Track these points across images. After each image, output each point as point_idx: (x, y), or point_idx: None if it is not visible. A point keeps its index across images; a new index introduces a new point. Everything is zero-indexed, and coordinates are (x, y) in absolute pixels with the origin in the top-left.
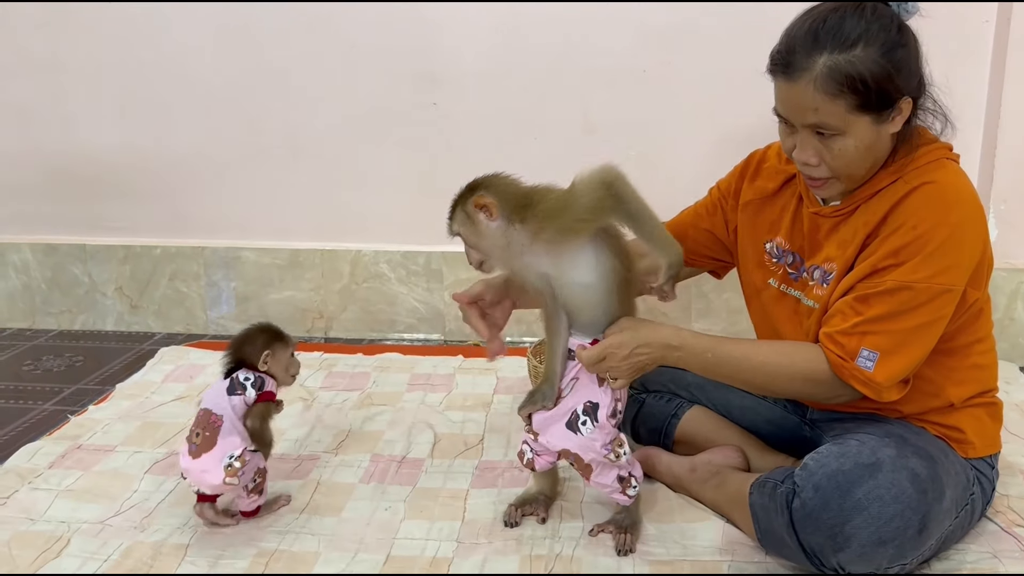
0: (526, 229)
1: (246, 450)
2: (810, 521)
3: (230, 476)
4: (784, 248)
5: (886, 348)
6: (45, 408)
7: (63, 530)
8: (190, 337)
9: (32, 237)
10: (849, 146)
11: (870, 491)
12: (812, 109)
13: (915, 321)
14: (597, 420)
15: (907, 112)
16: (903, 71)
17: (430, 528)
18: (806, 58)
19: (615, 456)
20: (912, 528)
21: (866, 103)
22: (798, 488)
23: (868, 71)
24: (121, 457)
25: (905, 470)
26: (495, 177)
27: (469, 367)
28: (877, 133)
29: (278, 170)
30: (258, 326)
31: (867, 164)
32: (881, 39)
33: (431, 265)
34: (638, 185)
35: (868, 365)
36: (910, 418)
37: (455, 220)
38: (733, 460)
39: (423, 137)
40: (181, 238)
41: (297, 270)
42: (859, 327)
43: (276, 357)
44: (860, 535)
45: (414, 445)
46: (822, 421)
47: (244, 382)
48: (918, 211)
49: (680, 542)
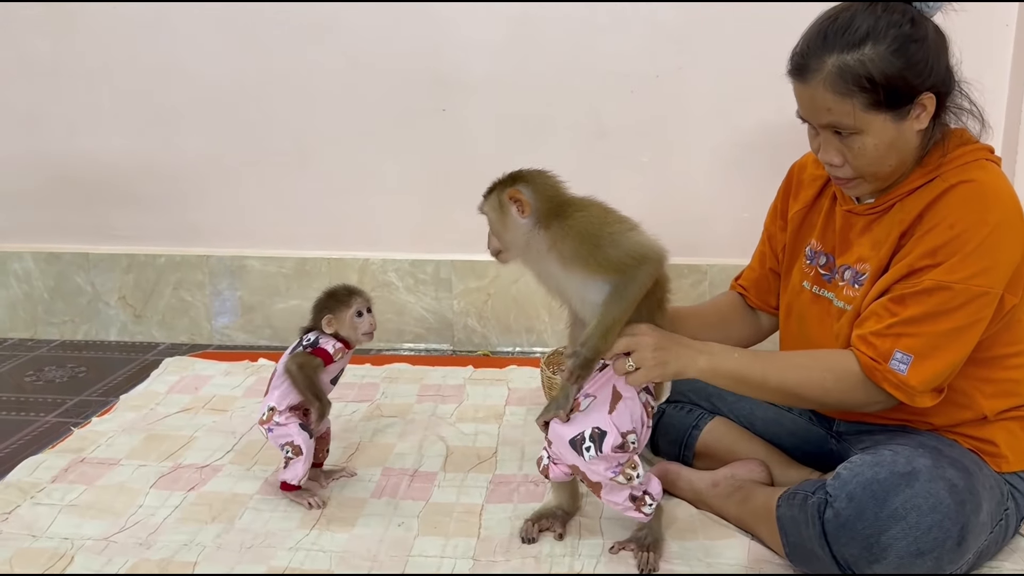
0: (548, 236)
1: (276, 410)
2: (844, 532)
3: (260, 424)
4: (817, 249)
5: (921, 351)
6: (47, 420)
7: (66, 547)
8: (195, 347)
9: (34, 245)
10: (868, 144)
11: (907, 500)
12: (826, 109)
13: (951, 324)
14: (601, 450)
15: (931, 108)
16: (918, 67)
17: (445, 545)
18: (817, 59)
19: (625, 479)
20: (951, 539)
21: (879, 101)
22: (831, 498)
23: (877, 69)
24: (126, 471)
25: (942, 480)
26: (540, 174)
27: (480, 378)
28: (898, 130)
29: (284, 177)
30: (325, 291)
31: (891, 162)
32: (891, 35)
33: (440, 274)
34: (651, 192)
35: (902, 368)
36: (941, 430)
37: (488, 202)
38: (756, 474)
39: (432, 143)
40: (186, 246)
41: (304, 279)
42: (893, 328)
43: (338, 319)
44: (897, 546)
45: (426, 458)
46: (849, 434)
47: (303, 340)
48: (956, 210)
49: (704, 560)
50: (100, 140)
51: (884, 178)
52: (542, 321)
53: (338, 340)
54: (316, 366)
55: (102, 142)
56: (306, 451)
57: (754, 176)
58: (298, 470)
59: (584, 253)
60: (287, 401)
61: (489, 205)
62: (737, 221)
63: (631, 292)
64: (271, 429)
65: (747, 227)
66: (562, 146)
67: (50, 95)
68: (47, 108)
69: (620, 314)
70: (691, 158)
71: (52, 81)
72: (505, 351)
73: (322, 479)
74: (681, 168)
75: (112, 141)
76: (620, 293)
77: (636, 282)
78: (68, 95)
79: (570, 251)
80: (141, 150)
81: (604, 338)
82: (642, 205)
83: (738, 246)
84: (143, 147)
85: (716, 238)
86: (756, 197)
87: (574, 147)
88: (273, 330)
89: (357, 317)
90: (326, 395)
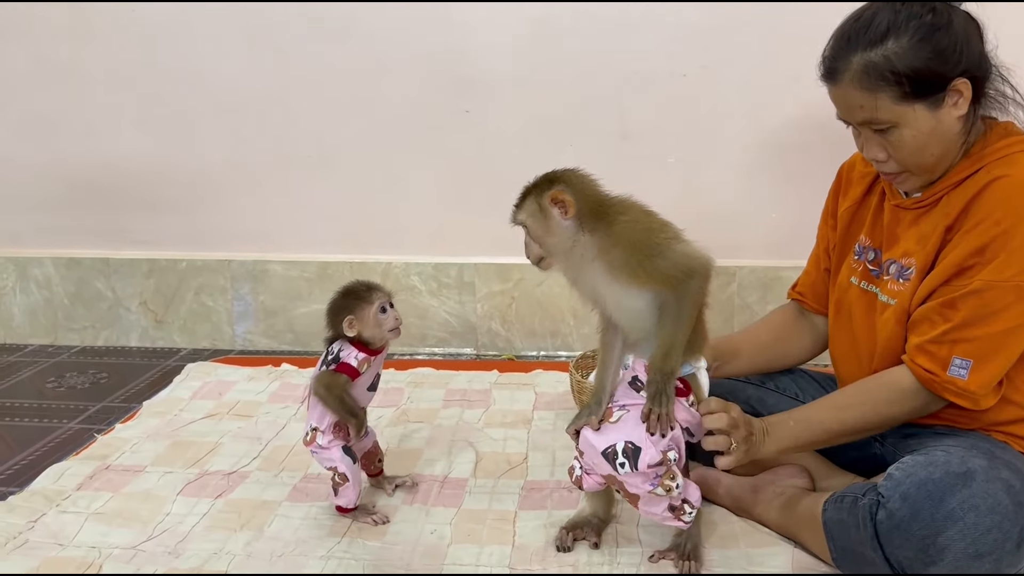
0: (594, 241)
1: (318, 430)
2: (898, 533)
3: (304, 444)
4: (866, 245)
5: (979, 355)
6: (70, 427)
7: (94, 556)
8: (216, 352)
9: (54, 251)
10: (907, 136)
11: (964, 500)
12: (858, 107)
13: (1006, 324)
14: (637, 467)
15: (968, 93)
16: (944, 54)
17: (479, 553)
18: (843, 60)
19: (664, 490)
20: (1011, 541)
21: (908, 92)
22: (883, 499)
23: (902, 62)
24: (152, 478)
25: (999, 481)
26: (574, 173)
27: (505, 382)
28: (935, 119)
29: (306, 180)
30: (340, 291)
31: (935, 151)
32: (913, 27)
33: (463, 277)
34: (677, 193)
35: (962, 374)
36: (992, 430)
37: (523, 209)
38: (798, 480)
39: (455, 145)
40: (207, 251)
41: (326, 283)
42: (949, 335)
43: (361, 319)
44: (954, 547)
45: (455, 464)
46: (894, 437)
47: (327, 354)
48: (1000, 205)
49: (747, 568)
50: (120, 144)
51: (930, 169)
52: (567, 324)
53: (360, 349)
54: (343, 384)
55: (122, 146)
56: (351, 477)
57: (782, 177)
58: (349, 496)
59: (634, 263)
60: (327, 420)
61: (526, 211)
62: (766, 223)
63: (686, 309)
64: (315, 451)
65: (776, 228)
66: (586, 147)
67: (70, 100)
68: (67, 113)
69: (680, 334)
70: (718, 159)
71: (72, 85)
72: (530, 355)
73: (387, 486)
74: (708, 169)
75: (132, 145)
76: (675, 312)
77: (688, 298)
78: (88, 99)
79: (620, 260)
80: (162, 154)
81: (667, 359)
82: (668, 206)
83: (767, 248)
84: (164, 151)
85: (744, 240)
86: (785, 198)
87: (599, 147)
88: (295, 335)
89: (381, 313)
90: (361, 410)
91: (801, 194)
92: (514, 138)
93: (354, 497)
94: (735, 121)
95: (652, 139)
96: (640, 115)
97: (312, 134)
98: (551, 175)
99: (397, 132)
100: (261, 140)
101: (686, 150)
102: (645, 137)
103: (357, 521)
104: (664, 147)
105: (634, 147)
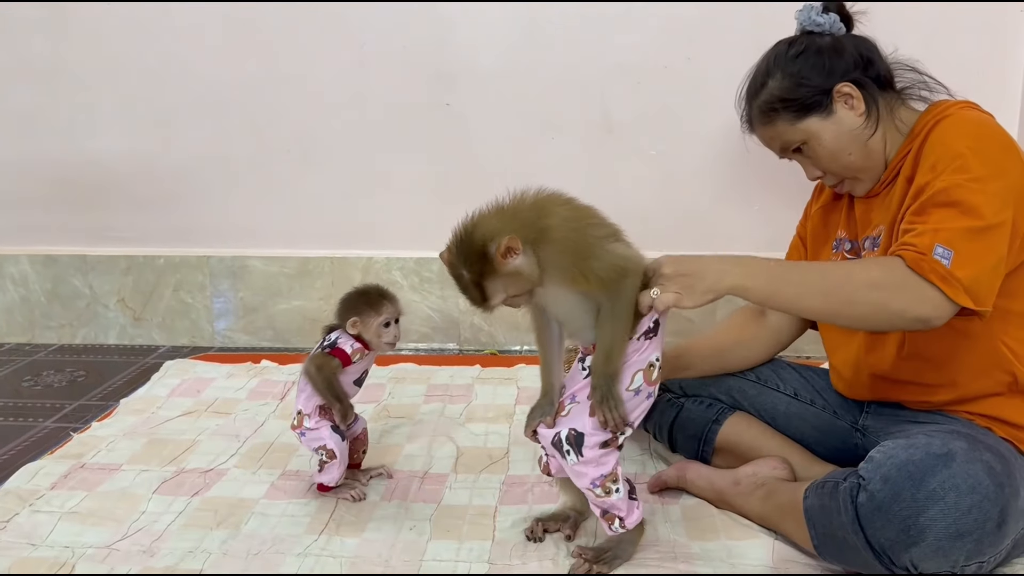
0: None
1: (303, 413)
2: (880, 515)
3: (292, 429)
4: (842, 237)
5: (958, 247)
6: (46, 425)
7: (67, 556)
8: (195, 350)
9: (31, 248)
10: (818, 146)
11: (945, 480)
12: (771, 139)
13: (975, 222)
14: (581, 454)
15: (857, 93)
16: (810, 71)
17: (459, 549)
18: (747, 112)
19: (604, 492)
20: (991, 521)
21: (797, 111)
22: (864, 481)
23: (777, 92)
24: (127, 476)
25: (980, 462)
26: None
27: (488, 377)
28: (834, 123)
29: (286, 175)
30: (357, 289)
31: (852, 150)
32: (780, 63)
33: (445, 272)
34: (660, 185)
35: (945, 261)
36: (977, 417)
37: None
38: (779, 471)
39: (436, 139)
40: (186, 247)
41: (306, 279)
42: (927, 228)
43: (365, 323)
44: (936, 527)
45: (436, 459)
46: (875, 428)
47: (325, 339)
48: (942, 135)
49: (727, 560)
50: (98, 141)
51: (864, 168)
52: None
53: (358, 340)
54: (335, 367)
55: (100, 142)
56: (339, 454)
57: (765, 169)
58: (334, 473)
59: (568, 265)
60: (313, 403)
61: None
62: (748, 214)
63: (622, 310)
64: (303, 434)
65: (757, 220)
66: (569, 140)
67: (46, 96)
68: (44, 109)
69: (619, 335)
70: (701, 151)
71: (49, 81)
72: (512, 349)
73: (361, 477)
74: (691, 161)
75: (110, 141)
76: (611, 313)
77: (623, 298)
78: (65, 95)
79: (555, 263)
80: (140, 150)
81: (608, 362)
82: (651, 198)
83: (749, 241)
84: (142, 146)
85: (727, 232)
86: (767, 191)
87: (582, 141)
88: (275, 331)
89: (384, 327)
90: (347, 396)
91: (783, 187)
92: (496, 131)
93: (338, 476)
94: (719, 113)
95: (635, 132)
96: (623, 108)
97: (292, 129)
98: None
99: (378, 127)
100: (241, 135)
101: (669, 143)
102: (628, 130)
103: (337, 496)
104: (647, 140)
105: (617, 140)
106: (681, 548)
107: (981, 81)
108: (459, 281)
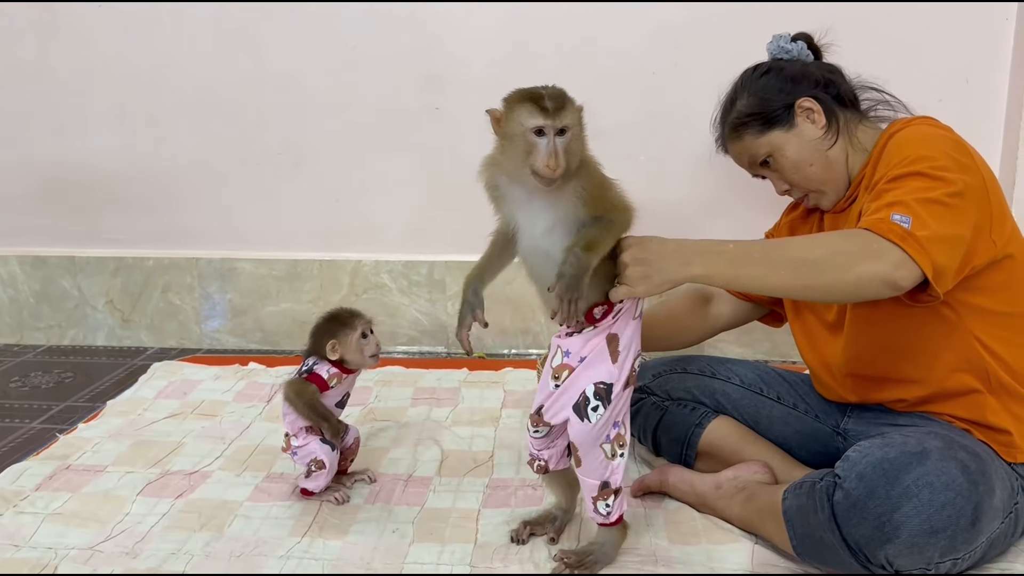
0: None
1: (290, 436)
2: (855, 512)
3: (284, 451)
4: None
5: (915, 213)
6: (32, 427)
7: (50, 557)
8: (184, 352)
9: (19, 249)
10: (782, 159)
11: (919, 478)
12: (740, 155)
13: (931, 193)
14: (610, 401)
15: (818, 107)
16: (772, 88)
17: (441, 552)
18: (721, 134)
19: (610, 454)
20: (965, 518)
21: (761, 125)
22: (840, 479)
23: (745, 110)
24: (112, 478)
25: (954, 460)
26: None
27: (475, 380)
28: (796, 135)
29: (275, 178)
30: (324, 316)
31: (814, 162)
32: (747, 87)
33: (433, 275)
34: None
35: (904, 224)
36: (957, 420)
37: (569, 111)
38: (760, 475)
39: (425, 142)
40: (174, 249)
41: (295, 281)
42: (883, 204)
43: (343, 343)
44: (910, 523)
45: (420, 462)
46: (856, 431)
47: (302, 366)
48: (898, 144)
49: (707, 564)
50: (88, 142)
51: (825, 180)
52: (538, 322)
53: (335, 366)
54: (312, 392)
55: (89, 143)
56: (329, 464)
57: None
58: (320, 481)
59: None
60: (298, 424)
61: (573, 114)
62: (736, 219)
63: (611, 230)
64: (295, 453)
65: (746, 225)
66: None
67: (35, 97)
68: (33, 110)
69: (603, 241)
70: (689, 156)
71: (39, 83)
72: (501, 353)
73: (345, 481)
74: (679, 166)
75: (100, 142)
76: (603, 225)
77: (615, 226)
78: (54, 97)
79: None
80: (129, 151)
81: (587, 249)
82: (639, 203)
83: None
84: (132, 148)
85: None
86: (755, 195)
87: None
88: (264, 334)
89: (362, 339)
90: (333, 415)
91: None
92: (485, 135)
93: (324, 484)
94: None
95: (623, 136)
96: (611, 113)
97: (281, 132)
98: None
99: (367, 130)
100: (230, 138)
101: (657, 147)
102: (616, 135)
103: (321, 499)
104: (635, 144)
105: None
106: (662, 552)
107: (966, 90)
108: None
